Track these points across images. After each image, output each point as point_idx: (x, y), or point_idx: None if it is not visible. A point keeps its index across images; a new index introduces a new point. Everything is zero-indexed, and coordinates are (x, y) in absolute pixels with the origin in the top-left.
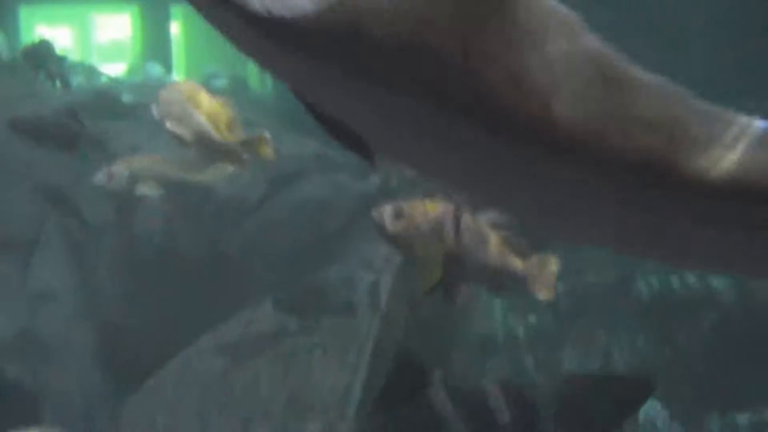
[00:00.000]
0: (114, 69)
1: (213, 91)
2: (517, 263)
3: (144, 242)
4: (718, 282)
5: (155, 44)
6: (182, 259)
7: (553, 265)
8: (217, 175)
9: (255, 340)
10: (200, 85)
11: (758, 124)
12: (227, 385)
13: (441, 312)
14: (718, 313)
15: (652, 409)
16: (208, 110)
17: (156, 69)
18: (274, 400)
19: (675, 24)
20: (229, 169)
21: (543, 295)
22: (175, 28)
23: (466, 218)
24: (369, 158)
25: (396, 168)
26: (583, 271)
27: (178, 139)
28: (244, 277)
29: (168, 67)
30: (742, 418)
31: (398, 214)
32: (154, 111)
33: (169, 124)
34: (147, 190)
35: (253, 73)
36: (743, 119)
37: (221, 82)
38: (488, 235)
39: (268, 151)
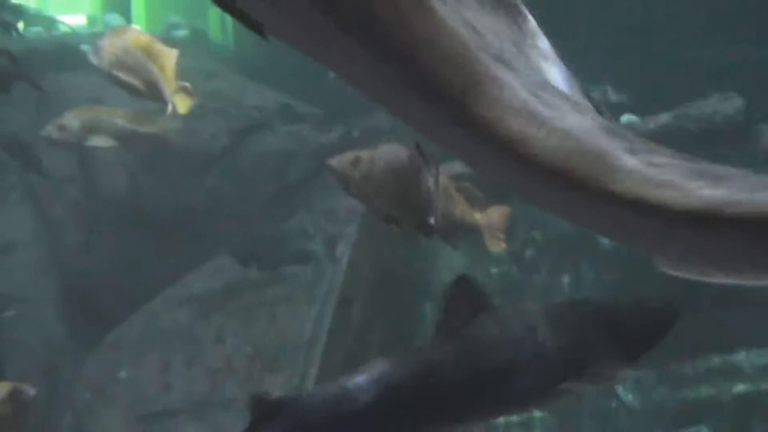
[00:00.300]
0: (71, 19)
1: (173, 42)
2: (472, 214)
3: (107, 194)
4: None
5: None
6: (146, 210)
7: (507, 216)
8: (170, 126)
9: (220, 292)
10: (151, 34)
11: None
12: (192, 337)
13: (406, 262)
14: None
15: None
16: (150, 51)
17: (116, 19)
18: (239, 352)
19: None
20: (180, 120)
21: (495, 245)
22: None
23: (424, 167)
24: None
25: (358, 120)
26: (545, 221)
27: (128, 88)
28: (208, 229)
29: (127, 18)
30: (703, 364)
31: (355, 163)
32: (92, 57)
33: (119, 74)
34: (99, 141)
35: (214, 24)
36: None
37: (182, 33)
38: (445, 185)
39: (185, 104)
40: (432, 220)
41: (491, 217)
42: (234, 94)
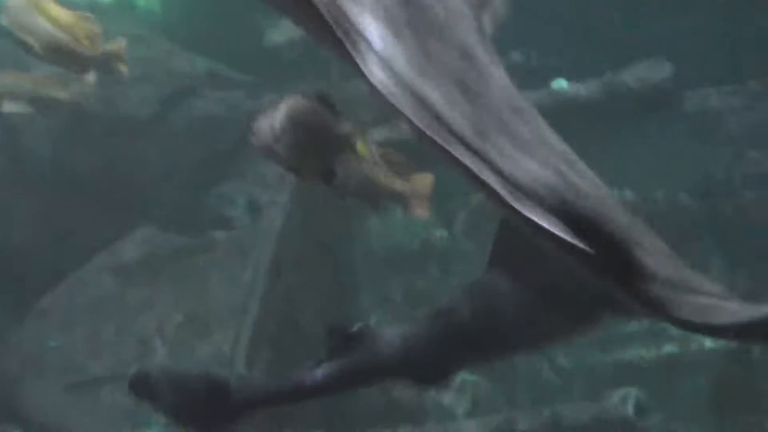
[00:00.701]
0: None
1: (99, 7)
2: (395, 181)
3: (32, 161)
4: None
5: None
6: (73, 178)
7: (431, 184)
8: (86, 91)
9: (149, 260)
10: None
11: None
12: (121, 305)
13: (337, 229)
14: None
15: None
16: (63, 21)
17: None
18: (169, 320)
19: None
20: (93, 84)
21: (418, 213)
22: None
23: (328, 117)
24: None
25: (289, 86)
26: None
27: (29, 50)
28: (135, 196)
29: None
30: (634, 324)
31: (279, 128)
32: (3, 20)
33: (19, 34)
34: (13, 107)
35: None
36: None
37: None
38: (370, 151)
39: (122, 67)
40: (333, 169)
41: (415, 184)
42: (162, 61)
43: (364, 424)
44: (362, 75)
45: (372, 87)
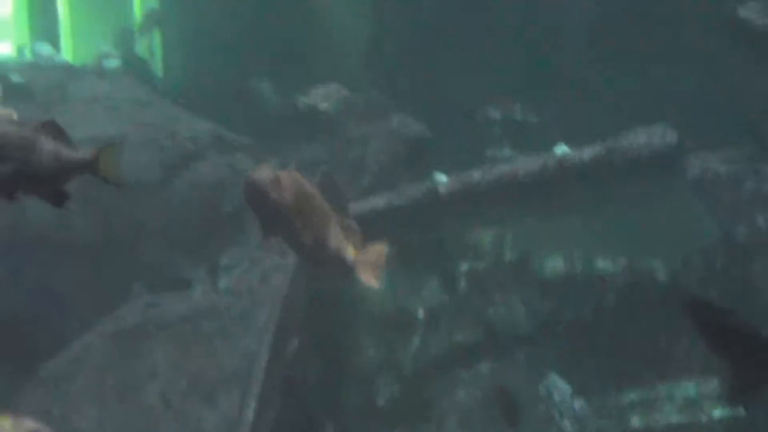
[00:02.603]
0: None
1: (104, 71)
2: (350, 250)
3: (33, 223)
4: (608, 263)
5: (43, 23)
6: (75, 240)
7: (383, 255)
8: None
9: (152, 326)
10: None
11: None
12: (125, 373)
13: (340, 292)
14: (616, 292)
15: (552, 384)
16: None
17: (45, 49)
18: (174, 387)
19: None
20: None
21: (370, 282)
22: (61, 6)
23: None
24: None
25: (293, 151)
26: (482, 251)
27: None
28: (140, 260)
29: (57, 47)
30: (640, 392)
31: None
32: None
33: None
34: None
35: (143, 52)
36: None
37: (114, 63)
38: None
39: None
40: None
41: (368, 253)
42: (167, 125)
43: None
44: None
45: None
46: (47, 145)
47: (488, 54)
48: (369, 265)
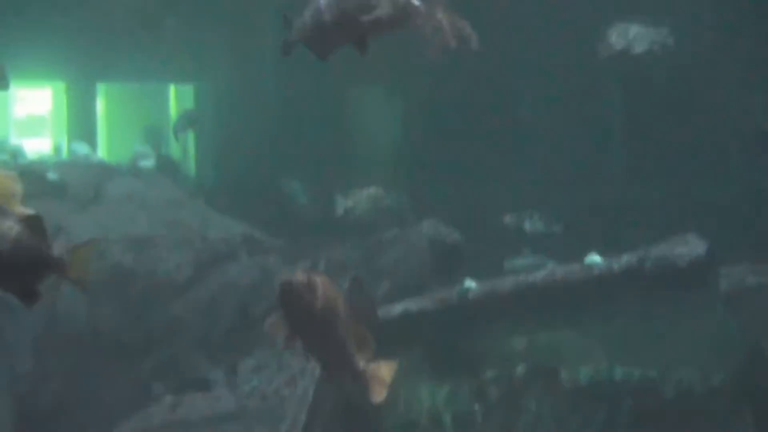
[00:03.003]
0: (32, 144)
1: (139, 171)
2: (359, 361)
3: (67, 321)
4: (637, 374)
5: (81, 121)
6: (106, 339)
7: (390, 374)
8: None
9: (181, 425)
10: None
11: None
12: None
13: (366, 399)
14: (645, 404)
15: None
16: None
17: (82, 148)
18: None
19: None
20: None
21: (373, 397)
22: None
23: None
24: None
25: (323, 252)
26: (511, 359)
27: None
28: (170, 359)
29: (93, 146)
30: None
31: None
32: None
33: None
34: None
35: (177, 153)
36: None
37: (149, 162)
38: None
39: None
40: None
41: (380, 368)
42: (199, 225)
43: None
44: None
45: None
46: (14, 234)
47: (514, 163)
48: (377, 380)
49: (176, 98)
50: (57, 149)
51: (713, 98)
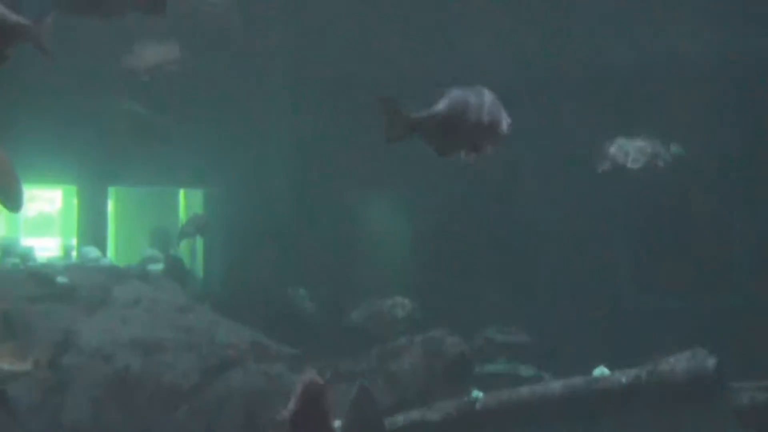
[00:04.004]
0: (40, 242)
1: (147, 274)
2: None
3: (71, 427)
4: None
5: (91, 224)
6: None
7: None
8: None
9: None
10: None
11: None
12: None
13: None
14: None
15: None
16: None
17: (92, 251)
18: None
19: None
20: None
21: None
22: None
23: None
24: None
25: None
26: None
27: None
28: None
29: (103, 248)
30: None
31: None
32: None
33: None
34: None
35: (186, 258)
36: None
37: (158, 267)
38: None
39: None
40: None
41: None
42: (206, 330)
43: None
44: None
45: None
46: None
47: (523, 275)
48: None
49: (185, 200)
50: (66, 251)
51: (718, 209)
